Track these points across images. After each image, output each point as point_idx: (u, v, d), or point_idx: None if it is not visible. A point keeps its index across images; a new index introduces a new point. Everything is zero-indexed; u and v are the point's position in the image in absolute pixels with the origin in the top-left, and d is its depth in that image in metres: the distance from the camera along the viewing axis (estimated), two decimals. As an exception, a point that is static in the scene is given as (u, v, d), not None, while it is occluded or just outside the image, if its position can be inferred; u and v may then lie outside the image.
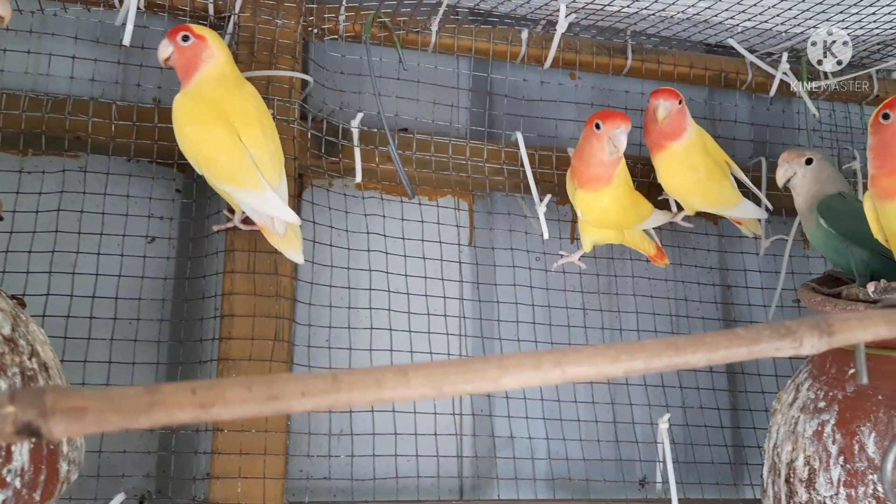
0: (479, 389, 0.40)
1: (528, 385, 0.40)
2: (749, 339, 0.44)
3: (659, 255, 1.12)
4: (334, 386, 0.37)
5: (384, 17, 1.07)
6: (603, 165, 0.98)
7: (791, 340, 0.44)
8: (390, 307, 1.03)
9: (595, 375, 0.42)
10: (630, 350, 0.42)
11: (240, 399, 0.36)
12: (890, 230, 0.83)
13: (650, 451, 1.09)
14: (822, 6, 1.04)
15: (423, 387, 0.39)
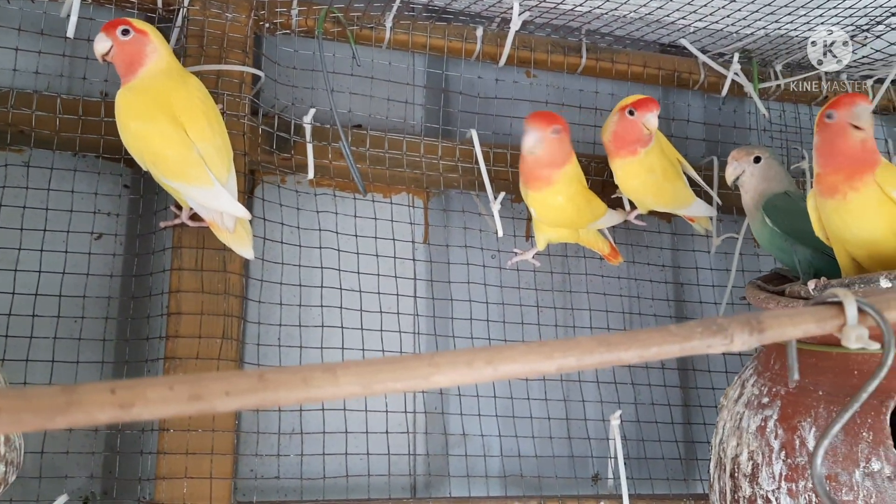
0: (410, 387, 0.39)
1: (461, 383, 0.40)
2: (681, 335, 0.44)
3: (613, 254, 1.13)
4: (260, 385, 0.37)
5: (337, 13, 1.07)
6: (542, 166, 0.98)
7: (722, 337, 0.45)
8: (342, 305, 1.02)
9: (528, 373, 0.42)
10: (563, 347, 0.42)
11: (161, 399, 0.35)
12: (831, 228, 0.84)
13: (603, 448, 1.10)
14: (771, 7, 1.06)
15: (352, 385, 0.38)
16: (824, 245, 0.89)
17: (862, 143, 0.82)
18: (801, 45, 1.21)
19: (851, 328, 0.47)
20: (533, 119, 0.96)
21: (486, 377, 0.40)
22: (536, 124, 0.95)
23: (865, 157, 0.81)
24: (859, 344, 0.46)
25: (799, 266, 0.96)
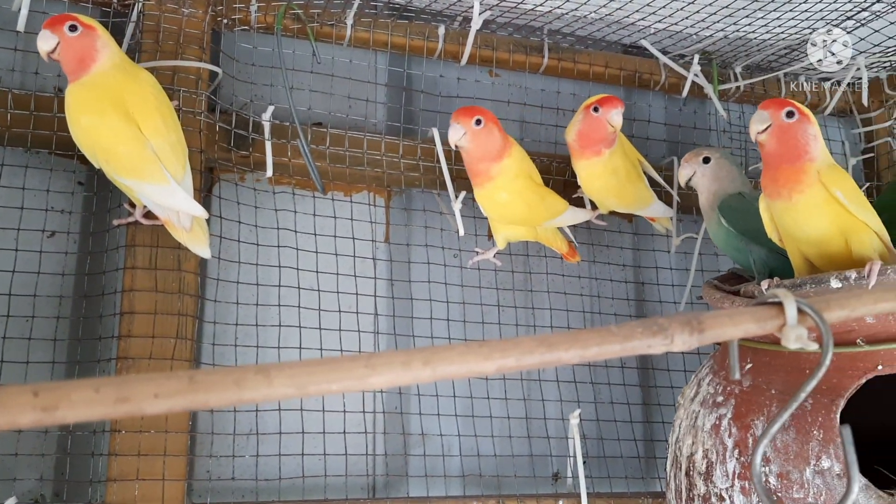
0: (345, 389, 0.39)
1: (398, 384, 0.40)
2: (622, 335, 0.44)
3: (571, 253, 1.13)
4: (190, 387, 0.36)
5: (297, 9, 1.06)
6: (477, 160, 0.99)
7: (663, 337, 0.45)
8: (300, 304, 1.01)
9: (467, 373, 0.41)
10: (502, 347, 0.42)
11: (86, 401, 0.34)
12: (782, 228, 0.85)
13: (563, 447, 1.10)
14: (729, 10, 1.07)
15: (286, 387, 0.38)
16: (778, 245, 0.90)
17: (802, 145, 0.82)
18: (759, 48, 1.22)
19: (791, 328, 0.47)
20: (455, 114, 0.98)
21: (424, 378, 0.40)
22: (458, 118, 0.96)
23: (797, 158, 0.82)
24: (798, 344, 0.47)
25: (754, 266, 0.97)
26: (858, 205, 0.80)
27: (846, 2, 1.07)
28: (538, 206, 1.03)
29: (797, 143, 0.81)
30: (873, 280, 0.76)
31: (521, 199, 1.01)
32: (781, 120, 0.82)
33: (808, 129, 0.82)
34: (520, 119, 1.22)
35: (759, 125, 0.82)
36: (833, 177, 0.80)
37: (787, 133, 0.81)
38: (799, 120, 0.82)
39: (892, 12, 1.11)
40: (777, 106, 0.82)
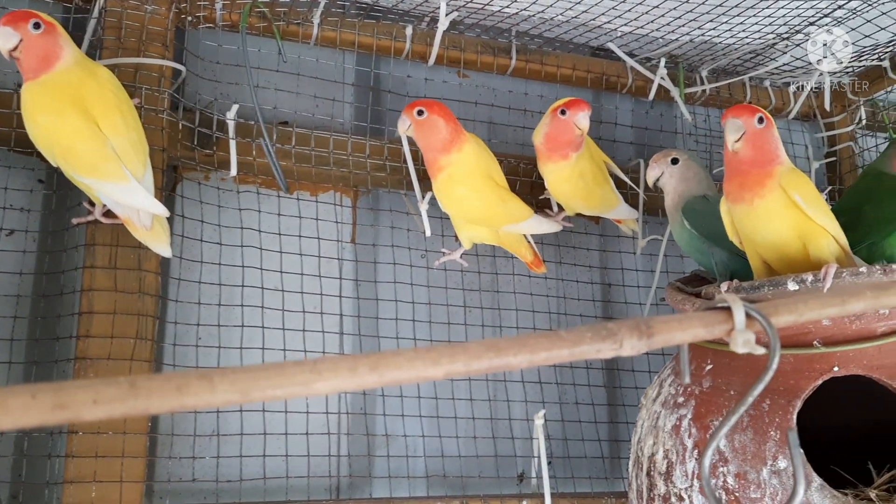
0: (290, 394, 0.39)
1: (345, 389, 0.40)
2: (571, 340, 0.44)
3: (536, 262, 1.11)
4: (131, 393, 0.36)
5: (263, 7, 1.05)
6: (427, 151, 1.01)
7: (612, 342, 0.45)
8: (264, 305, 1.01)
9: (415, 379, 0.41)
10: (450, 352, 0.42)
11: (22, 407, 0.34)
12: (742, 232, 0.86)
13: (528, 447, 1.11)
14: (694, 15, 1.08)
15: (229, 393, 0.37)
16: (739, 248, 0.91)
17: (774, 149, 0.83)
18: (725, 52, 1.23)
19: (739, 333, 0.48)
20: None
21: (371, 384, 0.40)
22: (404, 110, 1.00)
23: (768, 163, 0.83)
24: (746, 349, 0.47)
25: (716, 268, 0.98)
26: (817, 209, 0.81)
27: (809, 9, 1.09)
28: (497, 206, 1.02)
29: (769, 149, 0.83)
30: (828, 283, 0.77)
31: (477, 195, 1.01)
32: (754, 126, 0.82)
33: (775, 132, 0.83)
34: (488, 120, 1.22)
35: (734, 133, 0.82)
36: (793, 180, 0.81)
37: (759, 139, 0.82)
38: (767, 125, 0.83)
39: (853, 19, 1.13)
40: (749, 113, 0.83)
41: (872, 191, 1.00)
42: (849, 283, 0.78)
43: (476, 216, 1.03)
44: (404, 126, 1.00)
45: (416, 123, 0.99)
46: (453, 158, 1.00)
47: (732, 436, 0.82)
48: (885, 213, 0.97)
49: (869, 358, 0.81)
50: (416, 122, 0.99)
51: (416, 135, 1.01)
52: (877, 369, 0.81)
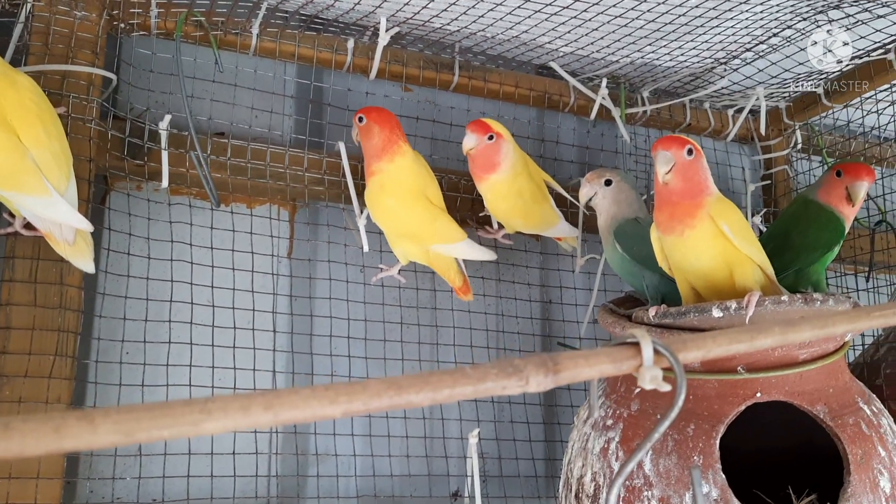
0: (178, 435, 0.37)
1: (236, 429, 0.39)
2: (475, 377, 0.44)
3: (464, 289, 1.09)
4: (3, 435, 0.34)
5: (199, 16, 1.03)
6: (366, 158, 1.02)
7: (517, 379, 0.45)
8: (192, 321, 0.98)
9: (312, 418, 0.40)
10: (349, 391, 0.41)
11: None
12: (672, 260, 0.87)
13: (463, 466, 1.10)
14: (632, 38, 1.09)
15: (112, 434, 0.36)
16: (668, 274, 0.92)
17: (703, 180, 0.84)
18: (665, 74, 1.25)
19: (646, 369, 0.48)
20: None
21: (265, 423, 0.39)
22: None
23: (697, 194, 0.83)
24: (653, 385, 0.48)
25: (647, 291, 0.98)
26: (743, 238, 0.82)
27: (745, 36, 1.11)
28: (426, 223, 1.00)
29: (698, 180, 0.83)
30: (750, 311, 0.78)
31: (405, 208, 1.00)
32: (684, 158, 0.83)
33: (704, 163, 0.84)
34: (430, 136, 1.22)
35: (665, 166, 0.82)
36: (721, 211, 0.82)
37: (689, 171, 0.83)
38: (696, 156, 0.83)
39: (788, 46, 1.16)
40: (679, 145, 0.83)
41: (800, 218, 1.02)
42: (770, 311, 0.79)
43: (402, 229, 1.02)
44: (354, 132, 1.02)
45: (360, 129, 1.01)
46: (384, 167, 1.00)
47: (657, 460, 0.83)
48: (811, 240, 0.99)
49: (791, 384, 0.83)
50: (359, 127, 1.01)
51: (359, 139, 1.03)
52: (798, 395, 0.83)
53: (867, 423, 0.84)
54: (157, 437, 0.37)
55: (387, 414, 1.08)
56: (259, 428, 0.40)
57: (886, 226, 1.30)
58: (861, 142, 1.41)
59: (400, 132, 1.02)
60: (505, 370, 0.45)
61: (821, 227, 1.00)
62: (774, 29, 1.09)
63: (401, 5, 1.00)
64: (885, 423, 0.86)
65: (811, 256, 0.99)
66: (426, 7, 1.00)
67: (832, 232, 1.00)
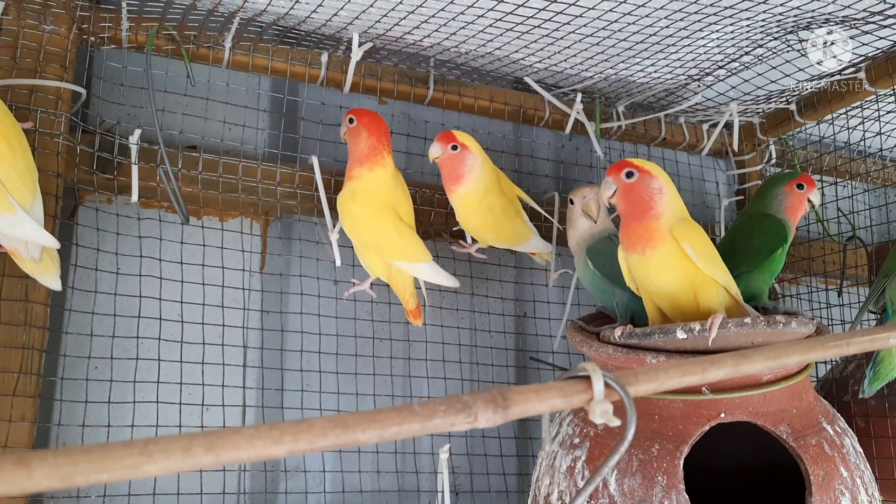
0: (118, 478, 0.37)
1: (178, 471, 0.38)
2: (423, 414, 0.44)
3: (414, 314, 1.08)
4: (-66, 481, 0.34)
5: (171, 29, 1.02)
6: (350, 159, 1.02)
7: (466, 415, 0.45)
8: (161, 336, 0.98)
9: (255, 458, 0.40)
10: (293, 430, 0.41)
11: None
12: (637, 279, 0.87)
13: (433, 482, 1.10)
14: (605, 55, 1.10)
15: (48, 479, 0.36)
16: (636, 293, 0.92)
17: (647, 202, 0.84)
18: (640, 89, 1.25)
19: (597, 403, 0.48)
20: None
21: (207, 464, 0.39)
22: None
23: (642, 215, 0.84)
24: (603, 419, 0.48)
25: (617, 309, 0.99)
26: (707, 260, 0.82)
27: (717, 54, 1.12)
28: (391, 237, 1.00)
29: (641, 202, 0.83)
30: (713, 333, 0.78)
31: (370, 218, 0.99)
32: (624, 181, 0.84)
33: (652, 184, 0.84)
34: (404, 150, 1.22)
35: (607, 191, 0.85)
36: (684, 232, 0.82)
37: (630, 193, 0.84)
38: (640, 178, 0.84)
39: (760, 64, 1.16)
40: (617, 169, 0.84)
41: (743, 226, 1.04)
42: (733, 334, 0.80)
43: (365, 239, 1.01)
44: (343, 130, 1.02)
45: (348, 129, 1.01)
46: (363, 174, 1.00)
47: (622, 480, 0.83)
48: (756, 245, 1.00)
49: (754, 405, 0.83)
50: (347, 127, 1.01)
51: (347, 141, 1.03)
52: (761, 416, 0.83)
53: (830, 444, 0.84)
54: (96, 481, 0.37)
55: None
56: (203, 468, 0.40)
57: (857, 241, 1.31)
58: (835, 157, 1.42)
59: (387, 142, 1.02)
60: (453, 407, 0.45)
61: (764, 232, 1.01)
62: (746, 47, 1.10)
63: (372, 22, 1.00)
64: (849, 443, 0.87)
65: (756, 260, 0.99)
66: (398, 24, 1.00)
67: (773, 236, 1.01)
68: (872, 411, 1.08)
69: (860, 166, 1.43)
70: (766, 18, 0.98)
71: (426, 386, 1.15)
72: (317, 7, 0.95)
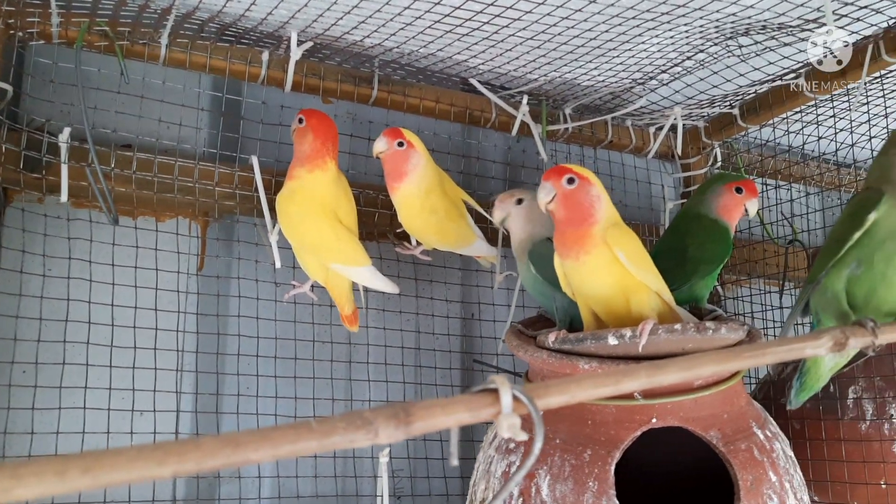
0: (-16, 503, 0.36)
1: (52, 495, 0.37)
2: (321, 432, 0.43)
3: (350, 320, 1.07)
4: None
5: (103, 25, 1.00)
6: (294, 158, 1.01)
7: (366, 432, 0.44)
8: (89, 341, 0.95)
9: (138, 479, 0.39)
10: (179, 451, 0.40)
11: None
12: (572, 285, 0.87)
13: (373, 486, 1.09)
14: (547, 59, 1.09)
15: None
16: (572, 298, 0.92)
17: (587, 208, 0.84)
18: (586, 92, 1.25)
19: (505, 417, 0.47)
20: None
21: (84, 487, 0.37)
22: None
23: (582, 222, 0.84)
24: (509, 433, 0.47)
25: (557, 313, 0.99)
26: (639, 265, 0.83)
27: (660, 58, 1.12)
28: (328, 239, 0.98)
29: (581, 208, 0.83)
30: (643, 339, 0.78)
31: (308, 220, 0.98)
32: (563, 188, 0.83)
33: (591, 191, 0.84)
34: (348, 150, 1.20)
35: (545, 196, 0.84)
36: (617, 237, 0.82)
37: (570, 199, 0.83)
38: (580, 185, 0.83)
39: (702, 69, 1.17)
40: (557, 175, 0.84)
41: (694, 232, 1.04)
42: (664, 340, 0.80)
43: (302, 240, 0.99)
44: (293, 128, 1.01)
45: (296, 129, 1.00)
46: (303, 175, 0.98)
47: (554, 485, 0.83)
48: (708, 254, 1.01)
49: (686, 410, 0.84)
50: (296, 128, 1.00)
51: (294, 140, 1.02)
52: (692, 421, 0.84)
53: (759, 449, 0.85)
54: (-41, 506, 0.35)
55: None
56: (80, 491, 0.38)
57: (798, 244, 1.32)
58: (776, 161, 1.43)
59: (332, 147, 1.00)
60: (353, 423, 0.44)
61: (716, 240, 1.02)
62: (688, 52, 1.10)
63: (309, 21, 0.98)
64: (779, 447, 0.88)
65: (708, 268, 1.01)
66: (335, 25, 0.98)
67: (725, 245, 1.03)
68: (807, 414, 1.09)
69: (803, 170, 1.45)
70: (704, 25, 0.99)
71: (368, 389, 1.14)
72: (250, 6, 0.93)
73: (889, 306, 0.82)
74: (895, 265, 0.79)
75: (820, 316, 0.88)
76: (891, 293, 0.80)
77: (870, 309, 0.82)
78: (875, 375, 1.06)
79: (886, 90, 1.16)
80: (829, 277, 0.85)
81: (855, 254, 0.82)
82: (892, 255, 0.79)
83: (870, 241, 0.80)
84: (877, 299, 0.82)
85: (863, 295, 0.83)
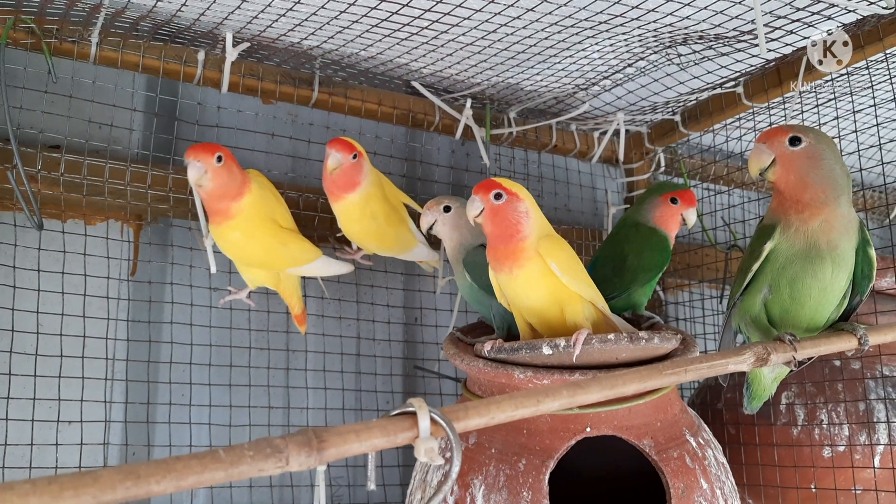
0: None
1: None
2: (228, 461, 0.42)
3: (300, 319, 1.06)
4: None
5: (29, 21, 0.96)
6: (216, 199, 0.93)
7: (276, 460, 0.43)
8: (12, 349, 0.92)
9: (30, 515, 0.37)
10: (76, 484, 0.38)
11: None
12: (507, 296, 0.87)
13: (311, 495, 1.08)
14: (489, 64, 1.09)
15: None
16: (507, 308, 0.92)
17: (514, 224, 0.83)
18: (529, 96, 1.25)
19: (422, 441, 0.47)
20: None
21: (-32, 526, 0.36)
22: (196, 154, 0.89)
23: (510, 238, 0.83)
24: (427, 458, 0.47)
25: (494, 320, 0.98)
26: (572, 276, 0.83)
27: (601, 64, 1.12)
28: (277, 250, 0.97)
29: (509, 224, 0.83)
30: (577, 349, 0.79)
31: (255, 240, 0.95)
32: (492, 203, 0.83)
33: (519, 206, 0.83)
34: (288, 153, 1.18)
35: (473, 211, 0.83)
36: (549, 249, 0.82)
37: (498, 215, 0.83)
38: (508, 200, 0.83)
39: (643, 76, 1.18)
40: (485, 190, 0.83)
41: (634, 241, 1.05)
42: (597, 350, 0.80)
43: (256, 261, 0.98)
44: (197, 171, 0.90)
45: (214, 171, 0.90)
46: (245, 202, 0.94)
47: (489, 495, 0.83)
48: (646, 262, 1.02)
49: (619, 419, 0.84)
50: (214, 169, 0.90)
51: (210, 181, 0.91)
52: (626, 429, 0.84)
53: (692, 456, 0.86)
54: None
55: (230, 439, 1.04)
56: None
57: (739, 249, 1.34)
58: (717, 166, 1.45)
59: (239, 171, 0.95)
60: (262, 451, 0.43)
61: (654, 249, 1.04)
62: (629, 60, 1.11)
63: (244, 23, 0.96)
64: (711, 454, 0.89)
65: (647, 276, 1.02)
66: (271, 27, 0.96)
67: (664, 253, 1.05)
68: (743, 419, 1.11)
69: (743, 175, 1.47)
70: (642, 34, 0.99)
71: (306, 397, 1.13)
72: (181, 6, 0.90)
73: (806, 323, 0.85)
74: (799, 287, 0.83)
75: (745, 332, 0.91)
76: (803, 311, 0.84)
77: (788, 326, 0.85)
78: (806, 381, 1.08)
79: (821, 101, 1.19)
80: (745, 302, 0.89)
81: (763, 279, 0.86)
82: (795, 278, 0.83)
83: (772, 268, 0.84)
84: (791, 317, 0.85)
85: (778, 314, 0.86)
